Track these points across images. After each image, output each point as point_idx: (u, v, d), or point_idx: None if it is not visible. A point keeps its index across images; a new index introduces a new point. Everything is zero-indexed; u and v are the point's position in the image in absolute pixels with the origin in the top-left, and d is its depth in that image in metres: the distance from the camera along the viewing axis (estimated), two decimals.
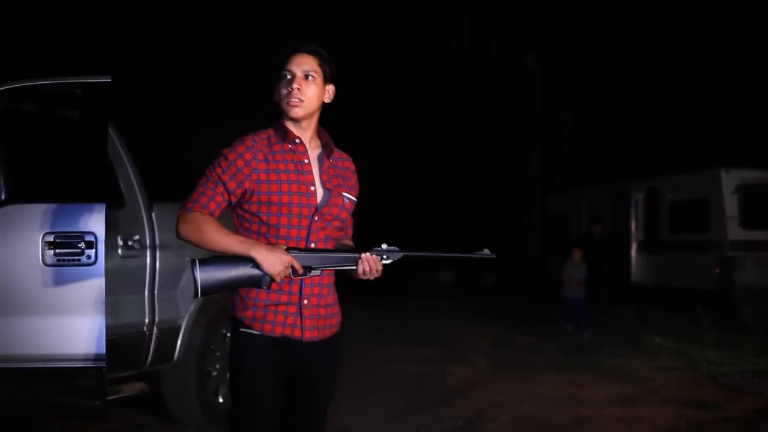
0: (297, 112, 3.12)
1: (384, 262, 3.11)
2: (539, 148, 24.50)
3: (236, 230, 3.15)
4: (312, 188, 3.12)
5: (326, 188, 3.17)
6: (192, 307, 5.86)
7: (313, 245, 3.10)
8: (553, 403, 7.38)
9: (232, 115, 18.29)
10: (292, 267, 3.00)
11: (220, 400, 6.23)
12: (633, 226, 17.69)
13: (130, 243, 5.36)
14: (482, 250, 3.17)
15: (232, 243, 3.01)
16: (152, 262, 5.54)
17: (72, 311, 4.48)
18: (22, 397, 4.67)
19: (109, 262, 4.62)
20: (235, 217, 3.17)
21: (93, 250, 4.45)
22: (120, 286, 5.17)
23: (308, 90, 3.12)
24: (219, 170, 3.06)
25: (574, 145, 24.72)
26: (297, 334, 3.09)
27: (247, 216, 3.11)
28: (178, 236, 3.09)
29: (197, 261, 2.99)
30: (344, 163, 3.32)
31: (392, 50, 25.01)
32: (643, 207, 17.51)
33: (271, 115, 3.24)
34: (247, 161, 3.06)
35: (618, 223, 18.07)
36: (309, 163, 3.16)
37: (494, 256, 3.13)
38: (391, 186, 27.04)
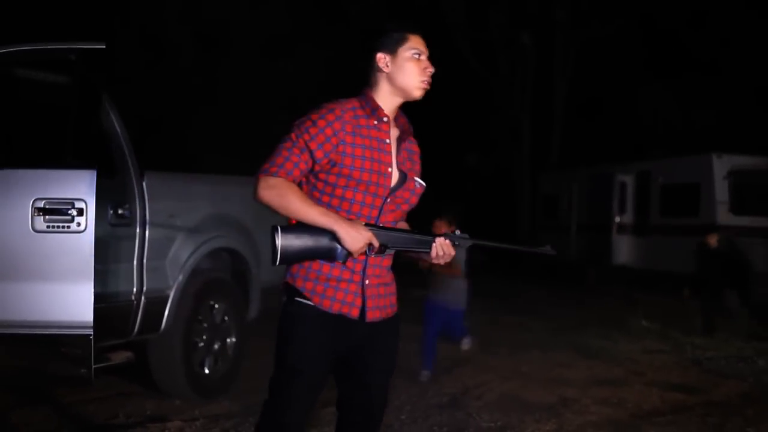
0: (422, 94, 3.13)
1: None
2: (533, 128, 24.48)
3: None
4: (389, 169, 3.08)
5: (401, 171, 3.13)
6: (180, 278, 5.85)
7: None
8: (538, 383, 7.40)
9: (228, 88, 18.18)
10: (369, 244, 2.97)
11: (206, 371, 6.24)
12: (615, 208, 17.73)
13: (120, 212, 5.32)
14: (544, 246, 3.28)
15: (315, 214, 2.94)
16: (142, 231, 5.50)
17: (60, 278, 4.46)
18: (8, 363, 4.66)
19: (99, 230, 4.58)
20: (303, 185, 3.07)
21: (83, 218, 4.43)
22: (109, 255, 5.16)
23: None
24: (306, 137, 2.97)
25: (568, 125, 24.69)
26: (354, 313, 3.05)
27: (320, 186, 3.04)
28: (257, 199, 2.97)
29: (279, 227, 2.94)
30: (412, 146, 3.26)
31: (389, 21, 24.82)
32: (633, 190, 17.52)
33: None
34: (336, 131, 2.98)
35: (602, 205, 18.11)
36: (389, 143, 3.11)
37: (554, 253, 3.24)
38: None
